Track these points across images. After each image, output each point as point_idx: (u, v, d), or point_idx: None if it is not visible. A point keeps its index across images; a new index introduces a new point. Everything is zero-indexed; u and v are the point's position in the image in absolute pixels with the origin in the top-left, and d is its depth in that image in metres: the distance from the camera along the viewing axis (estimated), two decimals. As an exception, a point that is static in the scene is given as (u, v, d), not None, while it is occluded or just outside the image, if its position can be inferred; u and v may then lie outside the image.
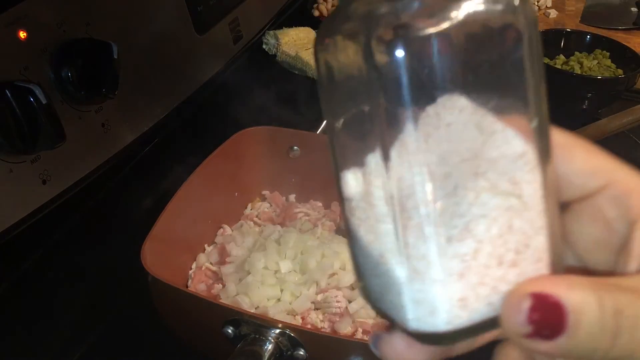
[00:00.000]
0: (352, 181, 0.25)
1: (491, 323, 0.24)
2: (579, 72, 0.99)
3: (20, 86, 0.54)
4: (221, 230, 0.74)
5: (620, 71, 1.00)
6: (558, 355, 0.23)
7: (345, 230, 0.28)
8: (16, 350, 0.60)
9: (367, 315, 0.63)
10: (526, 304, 0.22)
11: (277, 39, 1.06)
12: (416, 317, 0.24)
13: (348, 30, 0.24)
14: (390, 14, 0.22)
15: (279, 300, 0.63)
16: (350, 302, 0.63)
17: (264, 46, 1.07)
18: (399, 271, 0.24)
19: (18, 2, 0.58)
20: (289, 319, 0.61)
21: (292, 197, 0.81)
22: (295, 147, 0.78)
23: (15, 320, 0.61)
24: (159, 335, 0.61)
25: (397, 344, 0.26)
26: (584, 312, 0.22)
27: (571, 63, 1.02)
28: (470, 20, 0.22)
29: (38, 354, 0.61)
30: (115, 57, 0.63)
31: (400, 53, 0.21)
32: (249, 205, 0.79)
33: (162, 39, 0.80)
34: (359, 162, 0.25)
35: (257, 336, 0.52)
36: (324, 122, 0.84)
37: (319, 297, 0.64)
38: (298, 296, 0.63)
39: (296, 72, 1.02)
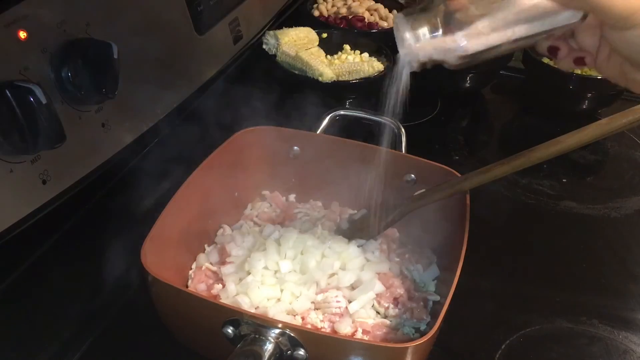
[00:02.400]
0: None
1: None
2: (579, 72, 0.99)
3: (21, 86, 0.55)
4: (221, 230, 0.74)
5: (620, 71, 0.99)
6: None
7: None
8: (16, 350, 0.60)
9: (367, 315, 0.63)
10: None
11: (277, 39, 1.06)
12: None
13: None
14: None
15: (279, 300, 0.63)
16: (350, 302, 0.63)
17: (264, 46, 1.07)
18: None
19: (18, 2, 0.58)
20: (289, 319, 0.61)
21: (292, 197, 0.81)
22: (296, 147, 0.78)
23: (15, 319, 0.61)
24: (158, 335, 0.61)
25: None
26: None
27: (571, 63, 1.02)
28: None
29: (38, 354, 0.61)
30: (116, 57, 0.63)
31: None
32: (249, 205, 0.79)
33: (162, 39, 0.80)
34: None
35: (257, 336, 0.52)
36: (324, 122, 0.84)
37: (319, 297, 0.64)
38: (298, 296, 0.63)
39: (296, 72, 1.02)
